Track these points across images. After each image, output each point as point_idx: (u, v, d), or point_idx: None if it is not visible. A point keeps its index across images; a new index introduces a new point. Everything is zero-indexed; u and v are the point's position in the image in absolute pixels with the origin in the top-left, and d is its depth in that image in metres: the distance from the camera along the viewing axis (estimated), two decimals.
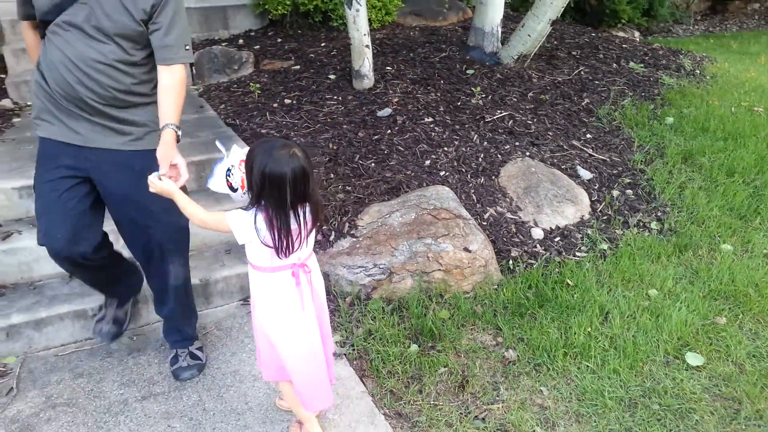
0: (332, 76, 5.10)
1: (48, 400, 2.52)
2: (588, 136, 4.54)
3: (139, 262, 2.60)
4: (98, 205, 2.41)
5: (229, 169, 1.97)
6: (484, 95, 4.88)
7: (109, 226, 2.52)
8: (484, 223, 3.61)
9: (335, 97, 4.77)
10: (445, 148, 4.17)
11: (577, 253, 3.48)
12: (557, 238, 3.60)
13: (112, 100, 2.22)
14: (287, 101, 4.70)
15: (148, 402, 2.51)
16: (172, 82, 2.26)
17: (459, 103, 4.75)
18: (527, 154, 4.22)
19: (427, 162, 4.02)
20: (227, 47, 5.47)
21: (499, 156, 4.18)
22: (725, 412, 2.48)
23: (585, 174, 4.10)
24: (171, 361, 2.71)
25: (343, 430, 2.37)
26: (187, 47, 2.29)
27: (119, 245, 2.70)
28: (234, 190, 1.98)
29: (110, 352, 2.78)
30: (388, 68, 5.27)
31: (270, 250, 1.91)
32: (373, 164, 3.95)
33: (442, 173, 3.93)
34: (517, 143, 4.32)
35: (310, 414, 2.24)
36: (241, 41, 6.01)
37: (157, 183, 2.03)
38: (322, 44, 5.91)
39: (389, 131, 4.31)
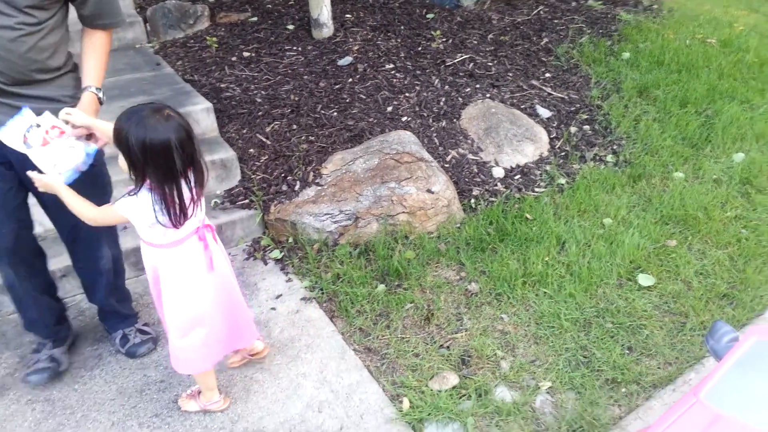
0: (291, 27, 5.03)
1: (22, 360, 2.58)
2: (547, 75, 4.59)
3: (66, 244, 2.41)
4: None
5: (32, 126, 1.84)
6: (444, 39, 4.88)
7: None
8: (447, 165, 3.69)
9: (295, 48, 4.72)
10: (407, 94, 4.19)
11: (536, 189, 3.59)
12: (517, 176, 3.70)
13: (23, 80, 1.97)
14: (246, 54, 4.65)
15: (122, 355, 2.59)
16: (103, 41, 2.11)
17: (420, 48, 4.75)
18: (488, 95, 4.27)
19: (389, 108, 4.05)
20: (181, 1, 5.33)
21: (460, 99, 4.23)
22: (673, 325, 2.65)
23: (544, 112, 4.18)
24: (120, 342, 2.58)
25: (316, 366, 2.49)
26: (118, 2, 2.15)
27: None
28: (30, 147, 1.85)
29: (82, 311, 2.84)
30: (348, 16, 5.21)
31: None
32: (335, 113, 3.97)
33: (404, 118, 3.97)
34: (477, 85, 4.36)
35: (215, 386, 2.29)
36: None
37: (41, 179, 1.85)
38: None
39: (350, 80, 4.31)
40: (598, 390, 2.33)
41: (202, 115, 3.69)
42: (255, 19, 5.23)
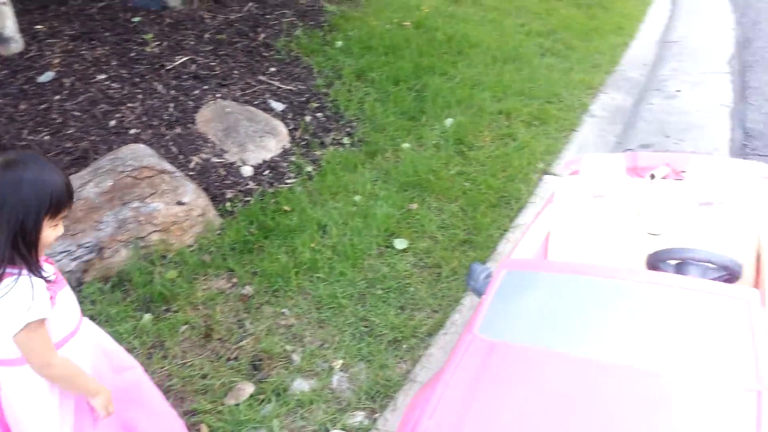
0: None
1: None
2: (272, 69, 4.67)
3: None
4: None
5: None
6: (158, 42, 4.59)
7: None
8: (192, 173, 3.52)
9: None
10: (130, 104, 3.87)
11: (287, 181, 3.65)
12: (266, 171, 3.71)
13: None
14: None
15: None
16: None
17: (133, 54, 4.40)
18: (218, 95, 4.18)
19: (113, 122, 3.69)
20: None
21: (191, 102, 4.06)
22: (431, 278, 2.97)
23: (277, 106, 4.25)
24: None
25: None
26: None
27: None
28: None
29: None
30: (39, 27, 4.55)
31: None
32: (47, 137, 3.47)
33: (132, 131, 3.66)
34: (205, 87, 4.23)
35: None
36: None
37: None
38: None
39: (58, 97, 3.80)
40: (384, 353, 2.50)
41: None
42: None
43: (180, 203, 3.13)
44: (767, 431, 1.37)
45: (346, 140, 4.12)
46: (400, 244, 3.18)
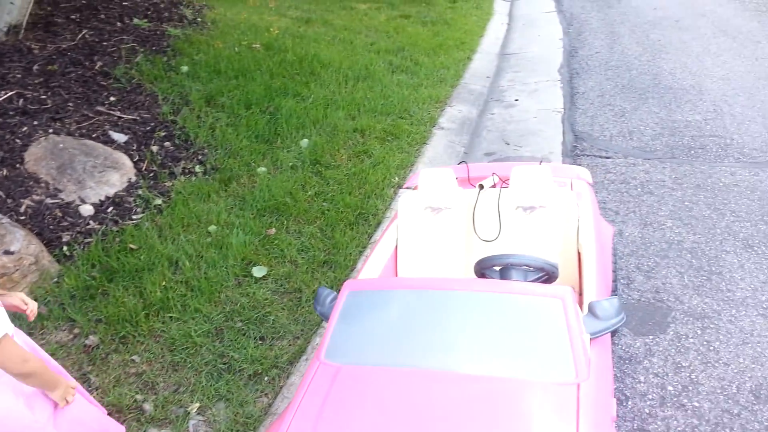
0: None
1: None
2: (112, 99, 4.40)
3: None
4: None
5: None
6: None
7: None
8: (23, 217, 3.21)
9: None
10: None
11: (134, 216, 3.45)
12: (110, 209, 3.48)
13: None
14: None
15: None
16: None
17: None
18: (51, 131, 3.85)
19: None
20: None
21: (18, 140, 3.71)
22: (292, 303, 2.94)
23: (119, 137, 4.01)
24: None
25: None
26: None
27: None
28: None
29: None
30: None
31: None
32: None
33: None
34: (35, 122, 3.89)
35: None
36: None
37: None
38: None
39: None
40: (244, 389, 2.43)
41: None
42: None
43: (7, 252, 2.85)
44: (586, 420, 1.51)
45: (198, 168, 3.98)
46: (258, 272, 3.11)
